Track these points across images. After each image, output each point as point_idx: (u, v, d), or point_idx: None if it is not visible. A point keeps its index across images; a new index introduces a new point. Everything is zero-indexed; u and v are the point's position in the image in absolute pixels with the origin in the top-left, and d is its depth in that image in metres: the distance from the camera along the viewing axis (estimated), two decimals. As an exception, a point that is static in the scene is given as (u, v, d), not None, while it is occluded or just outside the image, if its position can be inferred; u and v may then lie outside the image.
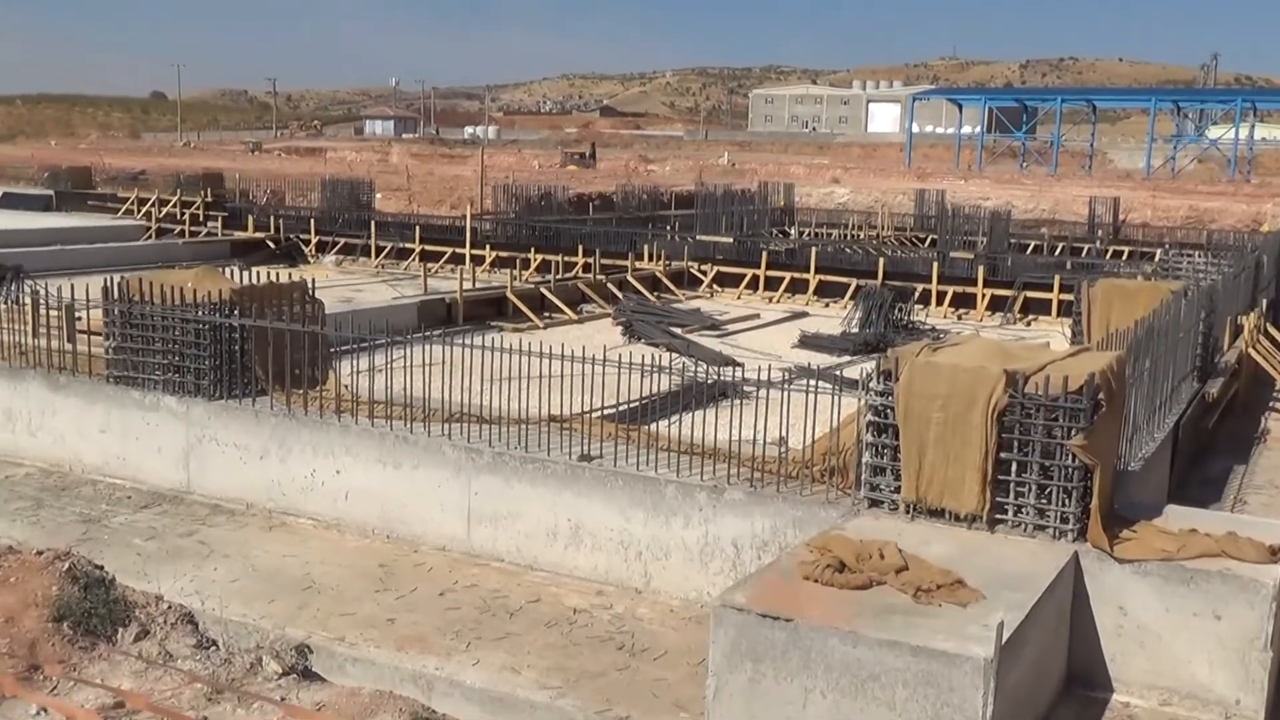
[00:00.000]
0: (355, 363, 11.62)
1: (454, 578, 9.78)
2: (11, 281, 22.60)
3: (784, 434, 9.79)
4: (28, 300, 16.41)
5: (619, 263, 28.14)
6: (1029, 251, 34.07)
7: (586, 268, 28.12)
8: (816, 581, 7.15)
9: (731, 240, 32.96)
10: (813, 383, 9.39)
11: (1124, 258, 33.87)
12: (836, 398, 9.24)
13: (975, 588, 7.08)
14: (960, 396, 8.19)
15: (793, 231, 40.16)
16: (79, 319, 14.39)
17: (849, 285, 26.56)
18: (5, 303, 16.50)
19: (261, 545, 10.42)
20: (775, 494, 9.18)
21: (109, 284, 12.37)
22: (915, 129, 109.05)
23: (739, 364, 17.00)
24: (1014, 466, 8.19)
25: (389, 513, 10.70)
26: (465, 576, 9.81)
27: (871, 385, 8.66)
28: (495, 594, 9.44)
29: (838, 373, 12.45)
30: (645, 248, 29.41)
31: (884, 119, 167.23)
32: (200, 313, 11.69)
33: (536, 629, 8.78)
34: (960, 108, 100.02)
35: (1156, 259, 24.27)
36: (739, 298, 27.49)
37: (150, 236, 35.59)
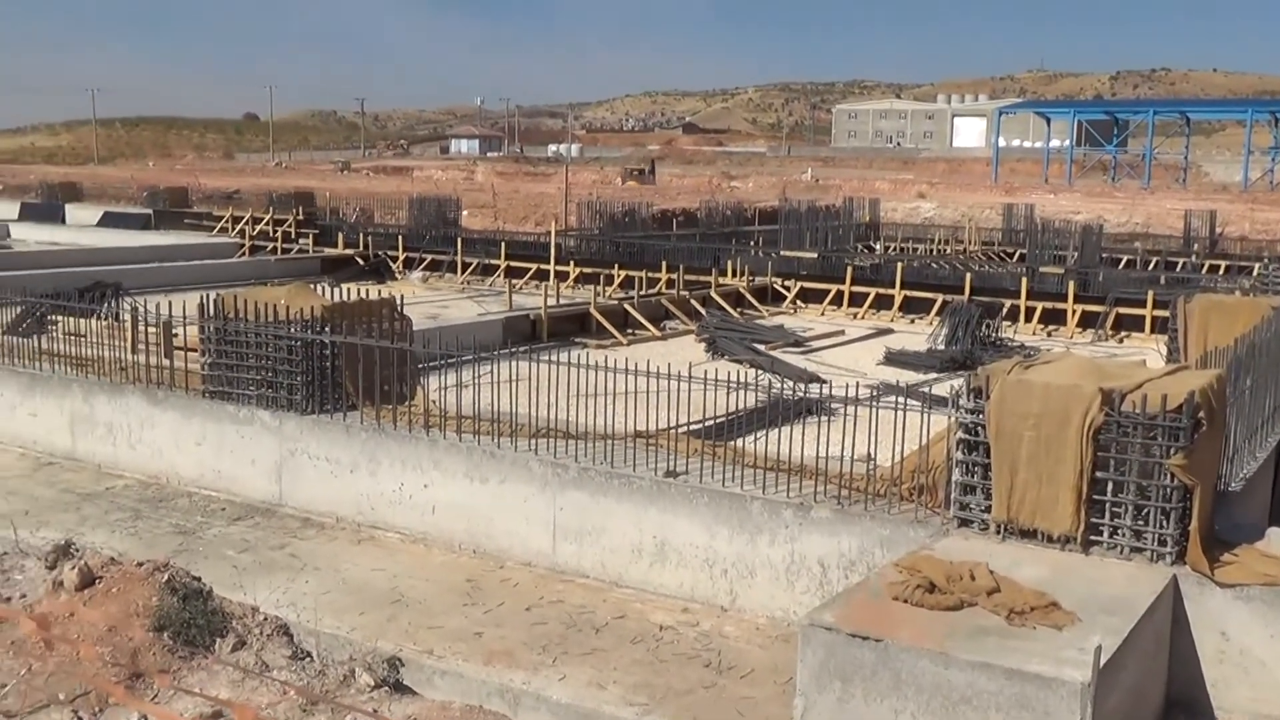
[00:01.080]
0: (443, 378, 11.75)
1: (540, 593, 9.82)
2: (112, 299, 23.28)
3: (871, 452, 9.69)
4: (127, 317, 16.89)
5: (702, 279, 28.10)
6: (1121, 266, 33.35)
7: (670, 284, 28.13)
8: (906, 602, 7.06)
9: (815, 256, 32.76)
10: (900, 400, 9.28)
11: (1221, 272, 32.97)
12: (925, 415, 9.12)
13: (1070, 611, 6.93)
14: (1054, 415, 8.04)
15: (877, 247, 39.81)
16: (176, 335, 14.76)
17: (935, 301, 26.23)
18: (106, 319, 17.00)
19: (351, 558, 10.56)
20: (863, 512, 9.08)
21: (205, 301, 12.67)
22: (1002, 143, 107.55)
23: (823, 381, 16.89)
24: (1110, 487, 8.01)
25: (475, 527, 10.79)
26: (551, 592, 9.85)
27: (962, 403, 8.54)
28: (581, 610, 9.46)
29: (926, 390, 12.28)
30: (729, 264, 29.34)
31: (969, 133, 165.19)
32: (293, 329, 11.91)
33: (622, 645, 8.78)
34: (1048, 121, 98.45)
35: (1255, 273, 23.61)
36: (823, 314, 27.29)
37: (244, 254, 36.38)
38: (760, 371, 18.47)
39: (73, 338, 14.87)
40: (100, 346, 13.97)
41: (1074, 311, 25.30)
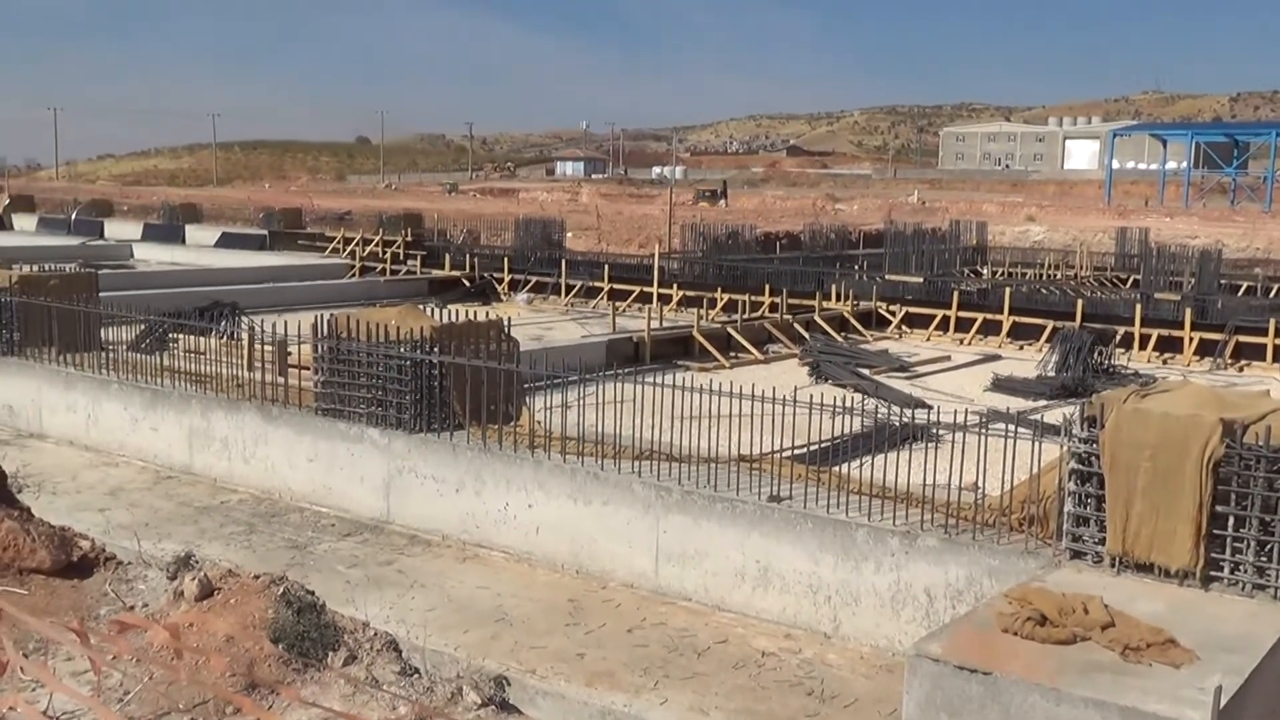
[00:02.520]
0: (548, 399, 11.86)
1: (642, 615, 9.84)
2: (229, 318, 23.99)
3: (979, 480, 9.53)
4: (244, 336, 17.39)
5: (806, 302, 27.96)
6: (1241, 293, 32.32)
7: (773, 307, 28.04)
8: (1016, 634, 6.91)
9: (921, 280, 32.35)
10: (1011, 427, 9.11)
11: (1348, 300, 31.73)
12: (1037, 444, 8.94)
13: (1188, 648, 6.72)
14: (1172, 446, 7.82)
15: (985, 271, 39.17)
16: (290, 354, 15.15)
17: (1045, 327, 25.70)
18: (223, 338, 17.53)
19: (456, 576, 10.70)
20: (971, 542, 8.93)
21: (319, 321, 12.98)
22: (1115, 165, 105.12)
23: (929, 406, 16.66)
24: (1230, 521, 7.75)
25: (578, 548, 10.85)
26: (653, 614, 9.85)
27: (1075, 431, 8.35)
28: (683, 633, 9.45)
29: (1037, 418, 12.03)
30: (833, 287, 29.15)
31: (1081, 155, 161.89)
32: (403, 349, 12.14)
33: (724, 670, 8.74)
34: (1164, 143, 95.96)
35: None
36: (928, 339, 26.95)
37: (354, 274, 37.19)
38: (864, 396, 18.30)
39: (192, 355, 15.36)
40: (218, 364, 14.39)
41: (1191, 339, 24.58)
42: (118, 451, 14.73)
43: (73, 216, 52.49)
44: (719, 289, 30.35)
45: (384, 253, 38.75)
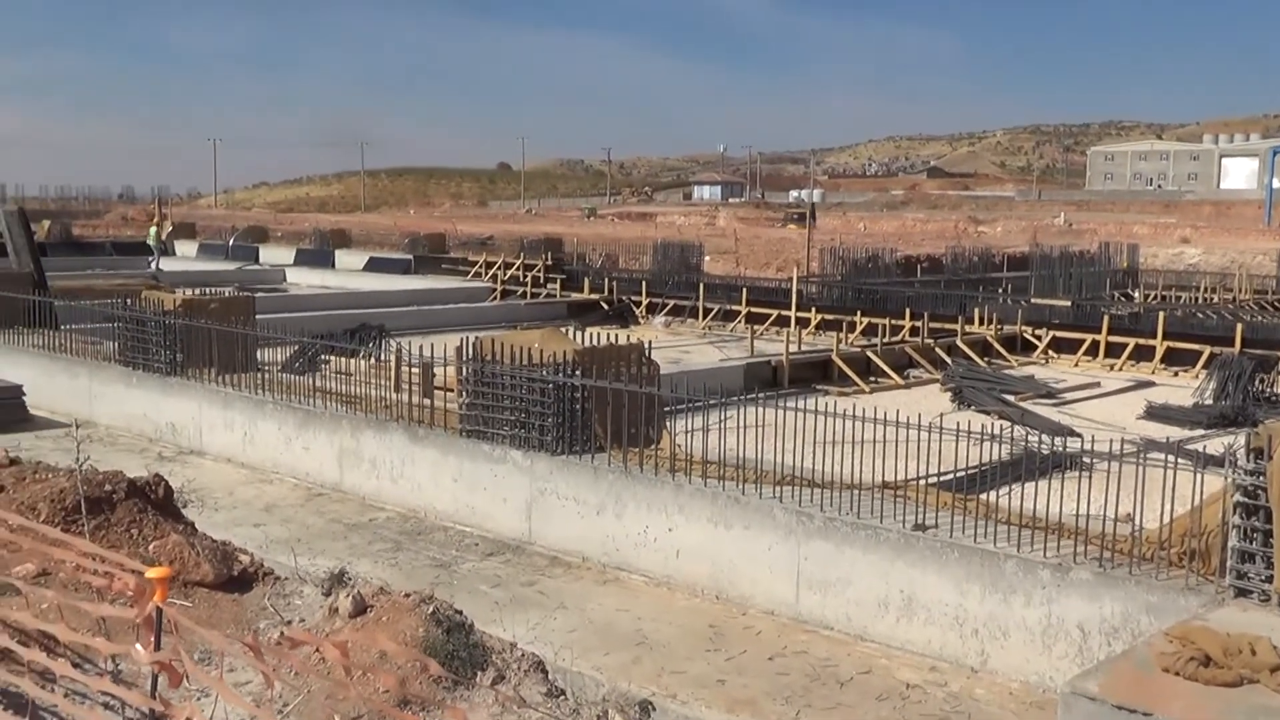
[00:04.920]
0: (689, 422, 11.88)
1: (783, 642, 9.74)
2: (376, 340, 24.68)
3: (1134, 512, 9.18)
4: (391, 357, 17.86)
5: (948, 326, 27.43)
6: None
7: (914, 331, 27.57)
8: (1177, 674, 6.63)
9: (1069, 304, 31.46)
10: (1170, 457, 8.77)
11: None
12: (1198, 475, 8.59)
13: (1367, 694, 6.35)
14: (1346, 479, 7.42)
15: (1137, 295, 37.90)
16: (435, 375, 15.49)
17: (1201, 353, 24.71)
18: (371, 359, 18.03)
19: (596, 598, 10.76)
20: (1127, 576, 8.61)
21: (464, 344, 13.24)
22: (1276, 184, 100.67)
23: (1078, 434, 16.16)
24: None
25: (718, 573, 10.81)
26: (794, 642, 9.75)
27: (1240, 463, 8.00)
28: (825, 662, 9.32)
29: (1201, 447, 11.56)
30: (975, 311, 28.55)
31: (1239, 174, 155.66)
32: (545, 372, 12.31)
33: (867, 701, 8.60)
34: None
35: None
36: (1076, 365, 26.14)
37: (496, 297, 37.91)
38: (1010, 423, 17.85)
39: (341, 376, 15.82)
40: (366, 385, 14.79)
41: (1361, 366, 23.31)
42: (272, 469, 15.25)
43: (230, 243, 54.69)
44: (858, 313, 30.00)
45: (524, 276, 39.39)
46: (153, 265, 46.74)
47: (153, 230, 51.20)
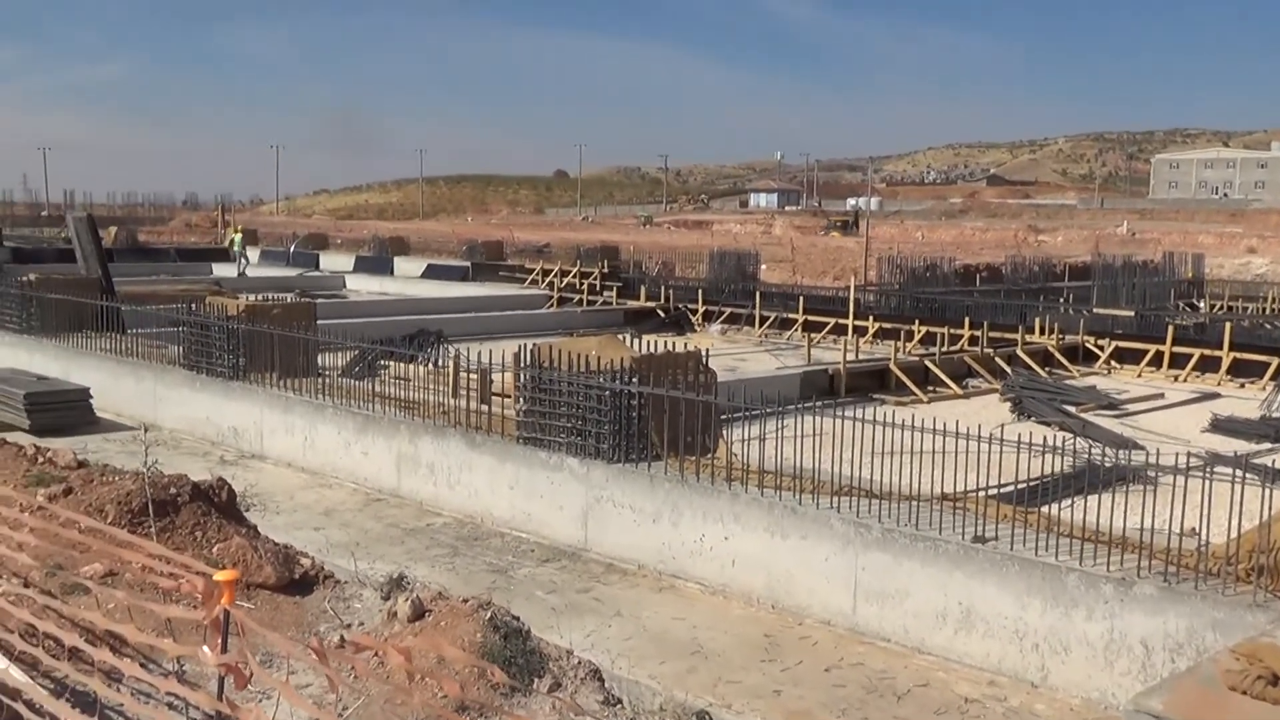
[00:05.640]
0: (745, 430, 11.84)
1: (839, 653, 9.68)
2: (434, 346, 24.89)
3: (1200, 527, 9.02)
4: (449, 364, 18.00)
5: (1008, 336, 27.15)
6: None
7: (973, 341, 27.33)
8: (1244, 693, 6.49)
9: (1132, 314, 31.04)
10: (1238, 471, 8.61)
11: None
12: (1267, 489, 8.42)
13: None
14: None
15: (1202, 305, 37.28)
16: (492, 382, 15.58)
17: (1269, 364, 24.26)
18: (429, 365, 18.18)
19: (652, 606, 10.76)
20: (1192, 591, 8.45)
21: (521, 351, 13.31)
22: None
23: (1141, 447, 15.91)
24: None
25: (774, 582, 10.76)
26: (850, 653, 9.68)
27: (1310, 478, 7.83)
28: (881, 674, 9.24)
29: (1271, 462, 11.32)
30: (1036, 321, 28.23)
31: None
32: (603, 379, 12.33)
33: (926, 714, 8.51)
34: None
35: None
36: (1139, 375, 25.76)
37: (552, 305, 38.07)
38: (1071, 435, 17.61)
39: (400, 382, 15.96)
40: (424, 391, 14.91)
41: None
42: (331, 473, 15.41)
43: (291, 249, 55.45)
44: (916, 322, 29.79)
45: (581, 284, 39.55)
46: (238, 270, 47.71)
47: (236, 236, 52.28)
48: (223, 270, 49.82)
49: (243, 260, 49.67)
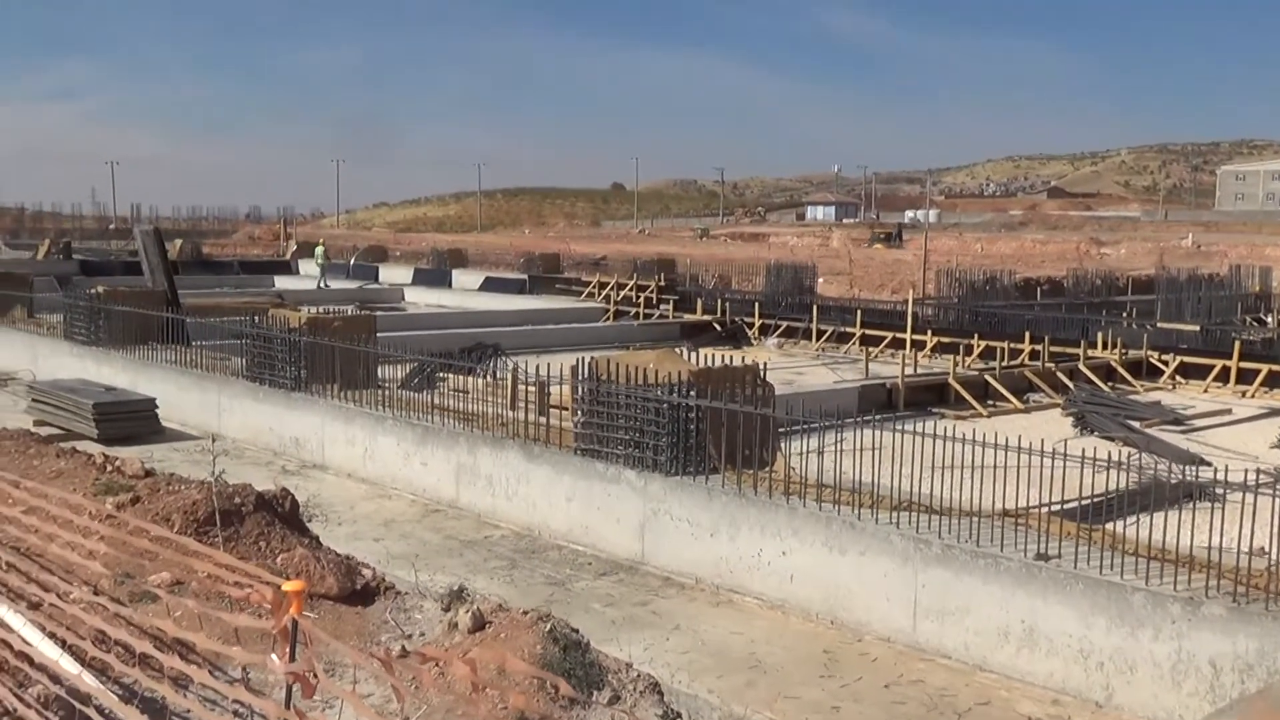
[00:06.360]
0: (804, 443, 11.81)
1: (899, 670, 9.59)
2: (492, 358, 25.05)
3: (1270, 545, 8.84)
4: (507, 376, 18.10)
5: (1069, 350, 26.80)
6: None
7: (1033, 355, 27.02)
8: (1318, 717, 6.35)
9: (1198, 328, 30.50)
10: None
11: None
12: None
13: None
14: None
15: (1270, 319, 36.53)
16: (550, 394, 15.64)
17: (1341, 380, 23.73)
18: (486, 377, 18.30)
19: (710, 620, 10.73)
20: (1263, 612, 8.28)
21: (579, 363, 13.36)
22: None
23: (1208, 463, 15.63)
24: None
25: (833, 597, 10.70)
26: (910, 670, 9.60)
27: (1385, 497, 7.65)
28: (942, 692, 9.15)
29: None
30: (1099, 335, 27.85)
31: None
32: (661, 393, 12.34)
33: (987, 734, 8.41)
34: None
35: None
36: (1205, 391, 25.30)
37: (609, 318, 38.16)
38: (1136, 451, 17.34)
39: (458, 394, 16.08)
40: (482, 403, 15.00)
41: None
42: (390, 484, 15.55)
43: (351, 262, 56.13)
44: (975, 335, 29.49)
45: (637, 297, 39.60)
46: (324, 284, 48.33)
47: (319, 249, 52.95)
48: (284, 283, 50.53)
49: (323, 274, 50.23)
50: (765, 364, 13.31)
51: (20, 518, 6.92)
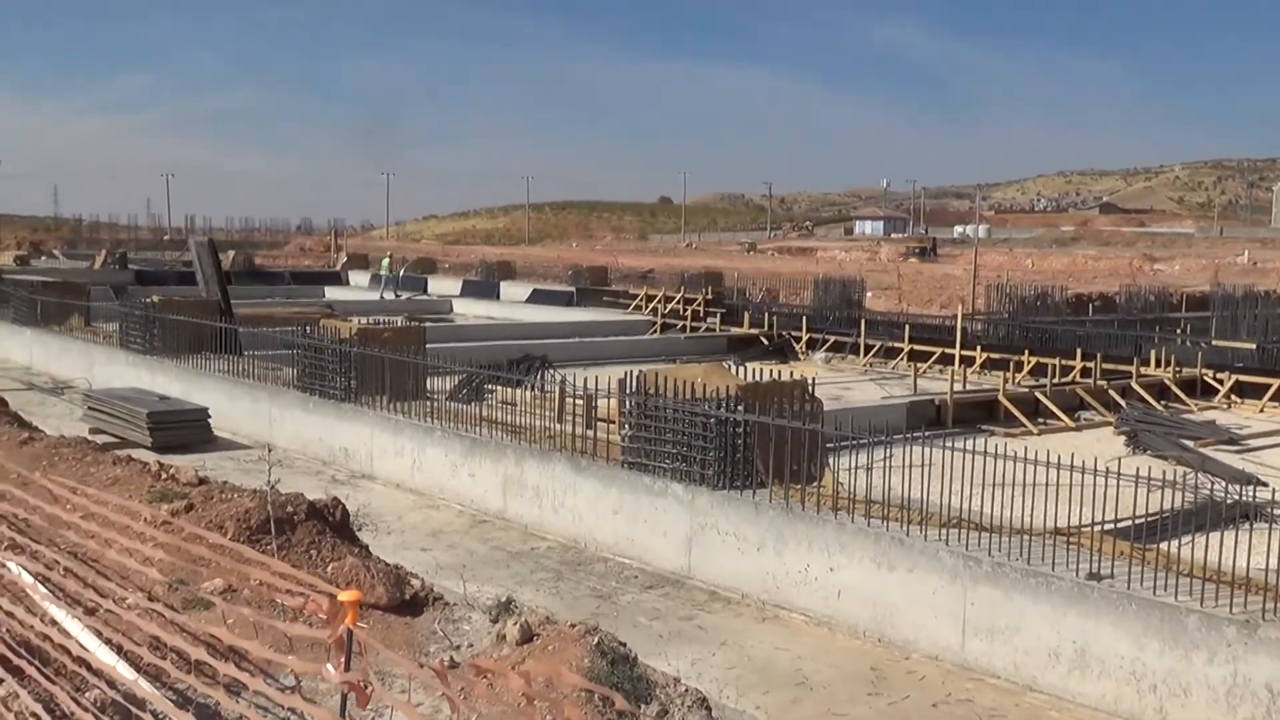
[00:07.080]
0: (854, 459, 11.74)
1: (947, 689, 9.51)
2: (539, 370, 25.14)
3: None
4: (554, 388, 18.16)
5: (1122, 368, 26.48)
6: None
7: (1085, 372, 26.72)
8: (1379, 744, 6.23)
9: (1254, 346, 30.01)
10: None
11: None
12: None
13: None
14: None
15: (1328, 337, 35.88)
16: (597, 407, 15.68)
17: (1402, 401, 23.27)
18: (534, 390, 18.36)
19: (755, 636, 10.70)
20: (1321, 637, 8.13)
21: (627, 377, 13.38)
22: None
23: (1264, 483, 15.37)
24: None
25: (880, 615, 10.63)
26: (959, 689, 9.51)
27: None
28: (991, 712, 9.06)
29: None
30: (1152, 353, 27.49)
31: None
32: (708, 407, 12.33)
33: (1037, 755, 8.31)
34: None
35: None
36: (1262, 410, 24.90)
37: (656, 331, 38.20)
38: (1190, 470, 17.09)
39: (505, 405, 16.16)
40: (530, 415, 15.06)
41: None
42: (438, 495, 15.65)
43: (400, 273, 56.56)
44: (1026, 352, 29.19)
45: (684, 310, 39.60)
46: (387, 295, 48.75)
47: (385, 261, 53.50)
48: (335, 293, 51.03)
49: (387, 285, 50.60)
50: (813, 379, 13.27)
51: (79, 523, 7.04)
